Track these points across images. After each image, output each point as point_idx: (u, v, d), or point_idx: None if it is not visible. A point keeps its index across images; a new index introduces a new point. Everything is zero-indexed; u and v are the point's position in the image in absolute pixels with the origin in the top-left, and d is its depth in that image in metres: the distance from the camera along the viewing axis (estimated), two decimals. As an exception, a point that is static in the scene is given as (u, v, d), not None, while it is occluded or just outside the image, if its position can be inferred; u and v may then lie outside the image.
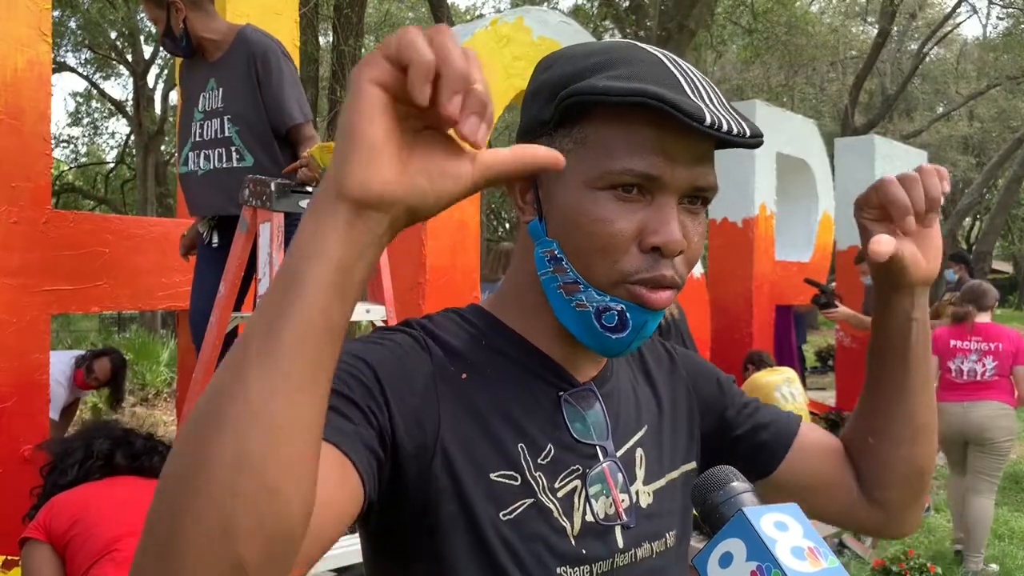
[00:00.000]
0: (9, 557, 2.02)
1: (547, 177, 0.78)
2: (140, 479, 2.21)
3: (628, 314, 0.75)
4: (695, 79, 0.74)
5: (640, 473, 0.86)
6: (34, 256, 3.14)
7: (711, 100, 0.73)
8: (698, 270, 6.19)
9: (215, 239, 3.05)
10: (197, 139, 3.03)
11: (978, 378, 4.60)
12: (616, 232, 0.74)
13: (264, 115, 2.90)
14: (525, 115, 0.81)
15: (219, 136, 2.96)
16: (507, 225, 24.02)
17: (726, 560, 0.62)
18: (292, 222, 2.79)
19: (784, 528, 0.62)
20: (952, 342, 4.70)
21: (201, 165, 3.00)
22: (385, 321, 2.80)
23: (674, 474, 0.89)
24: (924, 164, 0.82)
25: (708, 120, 0.70)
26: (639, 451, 0.86)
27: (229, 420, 0.50)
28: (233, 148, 2.93)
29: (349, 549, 2.42)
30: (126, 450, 2.23)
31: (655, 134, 0.72)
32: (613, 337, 0.76)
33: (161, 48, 3.20)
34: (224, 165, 2.95)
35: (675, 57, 0.77)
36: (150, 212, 17.30)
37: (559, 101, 0.75)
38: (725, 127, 0.71)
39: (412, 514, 0.74)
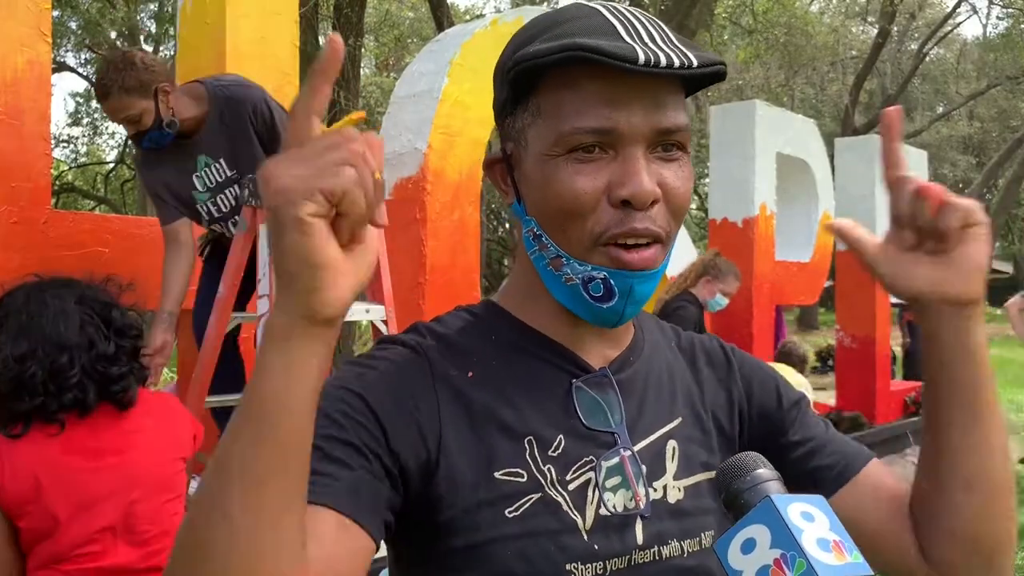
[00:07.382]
0: None
1: (519, 156, 0.77)
2: (112, 416, 1.74)
3: (612, 280, 0.73)
4: (634, 22, 0.71)
5: (671, 467, 0.80)
6: (34, 256, 3.13)
7: (651, 39, 0.70)
8: (698, 270, 6.17)
9: (206, 251, 3.07)
10: (216, 215, 2.89)
11: None
12: (580, 193, 0.71)
13: None
14: (494, 99, 0.81)
15: (240, 204, 2.81)
16: (507, 225, 24.00)
17: (748, 546, 0.61)
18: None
19: (811, 519, 0.61)
20: None
21: (234, 231, 2.86)
22: (385, 321, 2.80)
23: (712, 473, 0.83)
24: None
25: (642, 59, 0.67)
26: (671, 443, 0.81)
27: (216, 554, 0.54)
28: None
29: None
30: (101, 384, 1.71)
31: (600, 87, 0.70)
32: (604, 307, 0.75)
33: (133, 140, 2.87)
34: None
35: (616, 5, 0.74)
36: (150, 212, 17.30)
37: (505, 77, 0.75)
38: (664, 62, 0.67)
39: (417, 522, 0.73)
